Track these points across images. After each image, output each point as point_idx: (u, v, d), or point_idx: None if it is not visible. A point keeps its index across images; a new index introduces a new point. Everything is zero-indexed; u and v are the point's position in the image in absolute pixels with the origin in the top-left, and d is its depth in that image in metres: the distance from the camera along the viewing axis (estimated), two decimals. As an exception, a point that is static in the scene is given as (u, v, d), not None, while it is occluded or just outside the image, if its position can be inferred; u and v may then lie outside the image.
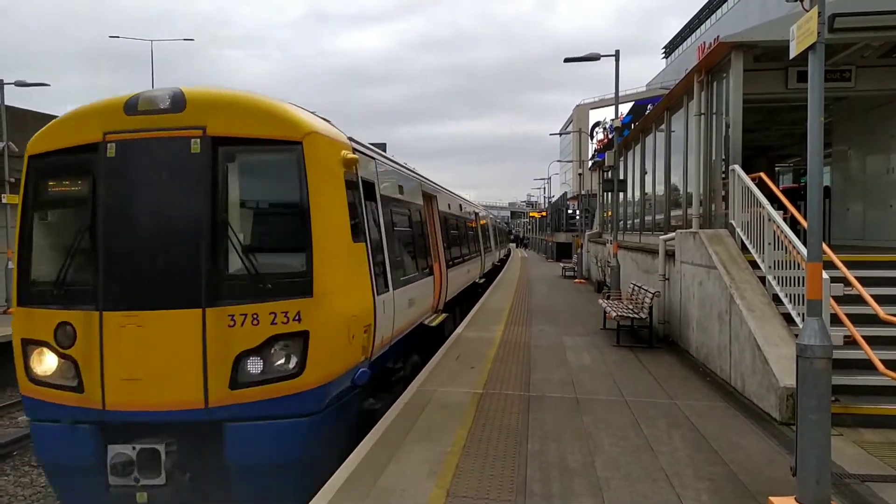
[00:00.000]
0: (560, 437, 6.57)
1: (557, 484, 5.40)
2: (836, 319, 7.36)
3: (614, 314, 12.05)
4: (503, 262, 44.02)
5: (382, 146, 12.53)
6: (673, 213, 14.91)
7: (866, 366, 7.07)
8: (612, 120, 20.32)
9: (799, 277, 8.06)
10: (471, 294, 19.54)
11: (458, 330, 13.52)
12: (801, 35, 4.88)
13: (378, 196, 8.39)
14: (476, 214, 24.13)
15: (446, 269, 13.95)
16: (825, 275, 5.43)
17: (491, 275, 28.31)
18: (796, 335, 7.16)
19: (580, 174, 52.42)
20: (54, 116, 7.12)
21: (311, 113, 6.93)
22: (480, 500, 5.09)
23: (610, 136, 27.39)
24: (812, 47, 4.81)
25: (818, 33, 4.69)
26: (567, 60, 20.04)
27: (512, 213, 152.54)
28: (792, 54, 5.09)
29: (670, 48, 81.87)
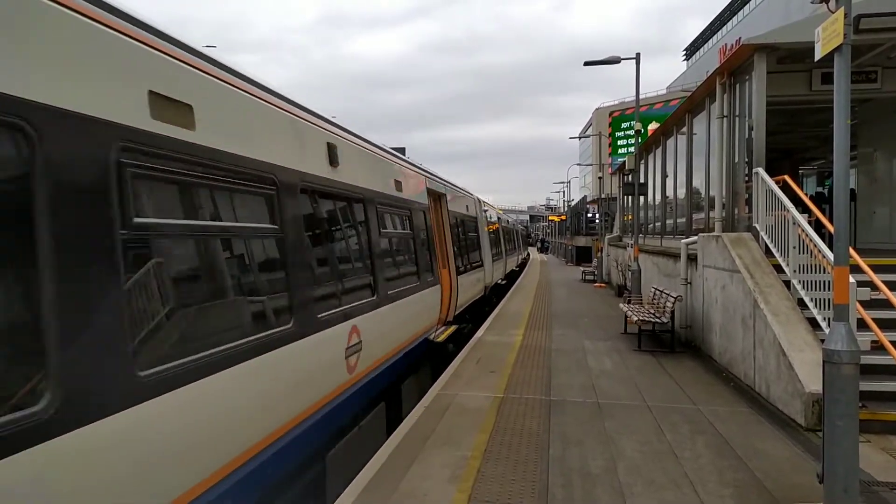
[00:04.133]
0: (582, 443, 6.53)
1: (580, 490, 5.37)
2: (862, 324, 7.26)
3: (635, 318, 11.96)
4: (521, 266, 42.74)
5: (402, 150, 12.58)
6: (695, 216, 14.78)
7: (894, 371, 6.96)
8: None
9: (824, 281, 7.96)
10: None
11: (478, 334, 13.50)
12: (827, 36, 4.82)
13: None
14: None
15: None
16: (852, 279, 5.35)
17: (508, 278, 28.04)
18: (822, 340, 7.07)
19: (600, 177, 52.16)
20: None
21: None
22: (502, 505, 5.07)
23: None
24: (838, 49, 4.75)
25: (844, 35, 4.63)
26: (587, 64, 19.97)
27: (531, 216, 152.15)
28: (817, 56, 5.03)
29: (691, 50, 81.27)
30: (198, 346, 3.81)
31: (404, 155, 11.49)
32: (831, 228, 8.41)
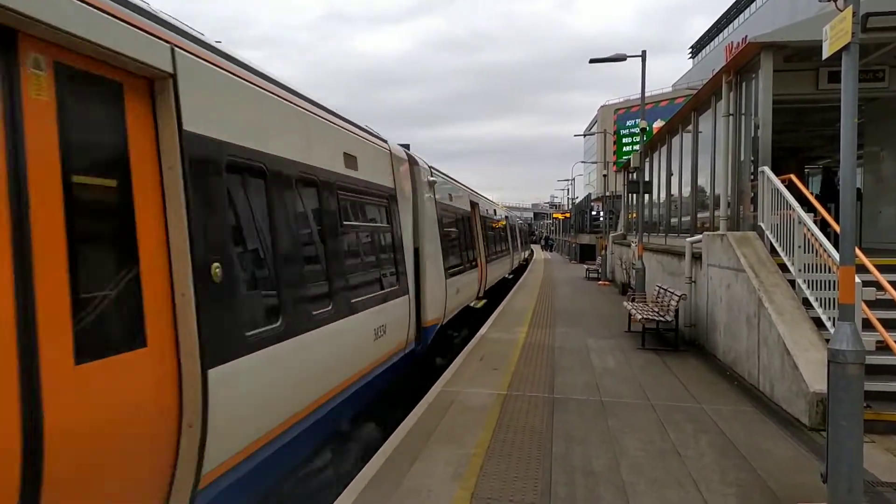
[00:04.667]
0: (585, 441, 6.53)
1: (582, 488, 5.37)
2: (867, 324, 7.23)
3: (639, 317, 11.95)
4: (525, 263, 43.07)
5: (406, 146, 12.57)
6: (700, 214, 14.75)
7: (899, 372, 6.93)
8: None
9: (830, 281, 7.94)
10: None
11: (482, 331, 13.50)
12: (835, 35, 4.80)
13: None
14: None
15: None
16: (857, 278, 5.33)
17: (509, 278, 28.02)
18: (827, 340, 7.06)
19: (605, 175, 52.07)
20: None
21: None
22: (505, 503, 5.08)
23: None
24: (846, 47, 4.72)
25: (852, 33, 4.61)
26: (593, 61, 19.93)
27: (535, 214, 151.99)
28: (825, 55, 5.01)
29: (697, 48, 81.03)
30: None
31: (409, 150, 11.46)
32: (837, 228, 8.40)
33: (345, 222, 6.88)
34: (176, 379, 3.75)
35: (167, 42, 3.83)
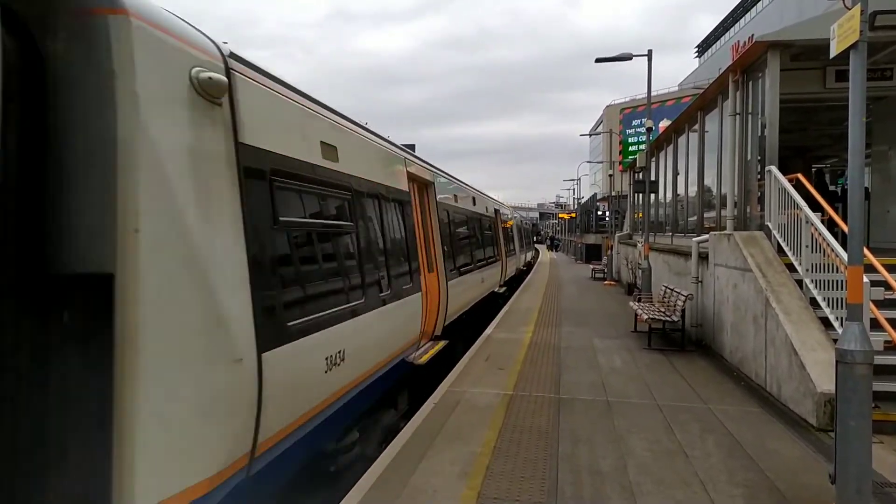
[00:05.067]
0: (591, 440, 6.52)
1: (589, 488, 5.36)
2: (875, 324, 7.21)
3: (645, 317, 11.92)
4: (529, 265, 39.80)
5: (412, 146, 12.57)
6: (706, 214, 14.70)
7: (908, 372, 6.90)
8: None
9: (837, 281, 7.91)
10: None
11: (487, 331, 13.49)
12: (843, 33, 4.78)
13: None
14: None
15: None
16: (865, 278, 5.31)
17: (513, 281, 27.10)
18: (834, 340, 7.03)
19: (610, 175, 51.99)
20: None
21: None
22: (511, 502, 5.08)
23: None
24: (854, 46, 4.71)
25: (860, 31, 4.59)
26: (598, 60, 19.88)
27: (541, 214, 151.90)
28: (832, 53, 4.99)
29: (703, 47, 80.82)
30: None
31: (414, 151, 11.46)
32: (845, 227, 8.37)
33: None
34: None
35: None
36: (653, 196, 21.03)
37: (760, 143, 10.88)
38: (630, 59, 19.31)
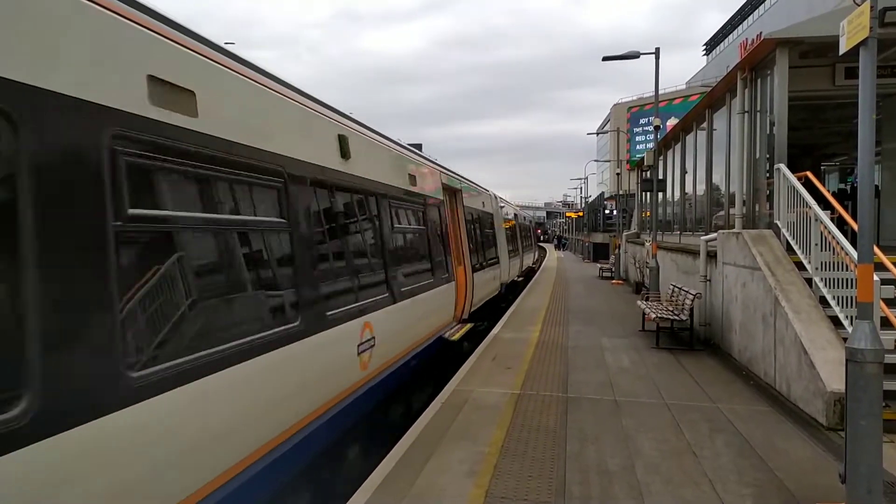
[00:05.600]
0: (599, 440, 6.50)
1: (597, 487, 5.35)
2: (886, 322, 7.16)
3: (653, 316, 11.88)
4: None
5: (418, 146, 12.57)
6: (714, 212, 14.65)
7: (919, 371, 6.84)
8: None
9: (847, 279, 7.86)
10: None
11: (494, 331, 13.48)
12: (852, 30, 4.74)
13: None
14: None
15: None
16: (876, 276, 5.27)
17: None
18: (844, 339, 6.98)
19: (618, 174, 51.85)
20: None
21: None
22: (519, 502, 5.07)
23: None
24: (864, 42, 4.67)
25: (870, 28, 4.56)
26: (606, 59, 19.84)
27: (548, 212, 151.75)
28: (842, 50, 4.95)
29: (711, 45, 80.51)
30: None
31: (421, 150, 11.51)
32: (854, 225, 8.31)
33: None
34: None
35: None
36: (660, 195, 20.96)
37: (769, 141, 10.83)
38: (637, 57, 19.26)
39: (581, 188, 77.77)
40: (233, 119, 4.41)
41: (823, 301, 8.23)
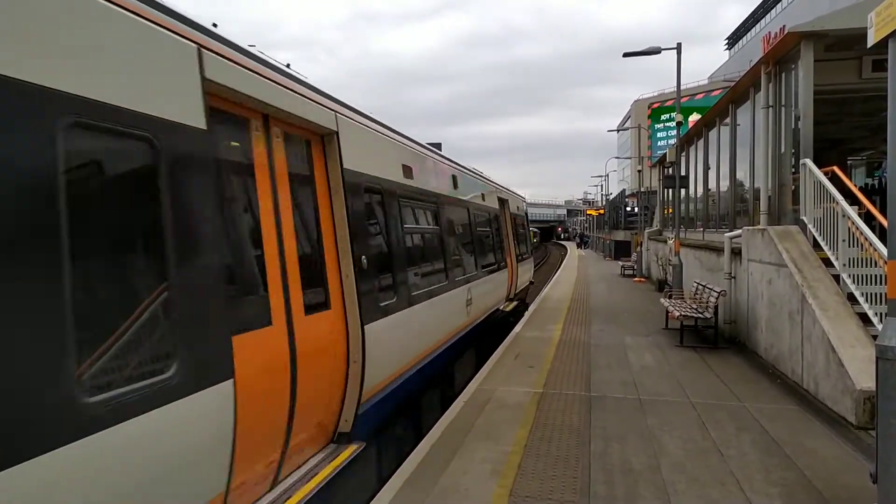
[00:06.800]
0: (623, 439, 6.46)
1: (622, 486, 5.31)
2: (917, 320, 7.01)
3: (677, 314, 11.76)
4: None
5: (437, 145, 12.58)
6: (738, 209, 14.47)
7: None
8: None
9: (876, 276, 7.73)
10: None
11: (516, 329, 13.45)
12: (881, 21, 4.65)
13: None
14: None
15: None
16: (907, 273, 5.16)
17: None
18: (874, 336, 6.87)
19: (639, 170, 51.45)
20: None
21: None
22: (544, 501, 5.05)
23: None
24: (893, 34, 4.57)
25: (899, 19, 4.46)
26: (626, 55, 19.69)
27: (568, 210, 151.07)
28: (870, 42, 4.86)
29: (733, 39, 79.53)
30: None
31: (440, 150, 11.52)
32: (883, 221, 8.17)
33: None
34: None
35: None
36: (683, 191, 20.77)
37: (794, 136, 10.69)
38: (659, 52, 19.09)
39: (602, 185, 77.33)
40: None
41: (851, 298, 8.10)
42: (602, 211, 71.08)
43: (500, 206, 15.30)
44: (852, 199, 8.88)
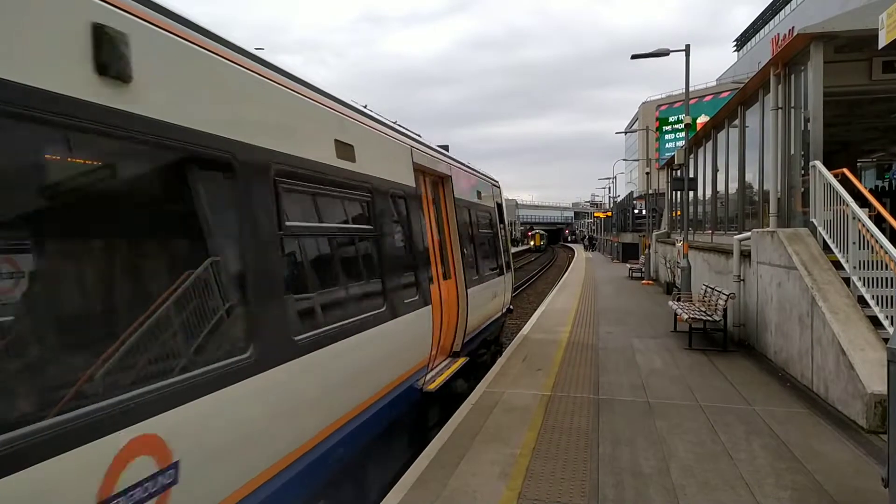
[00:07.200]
0: (632, 442, 6.44)
1: (631, 489, 5.29)
2: (929, 323, 6.97)
3: (686, 316, 11.72)
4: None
5: (446, 147, 12.58)
6: (747, 211, 14.42)
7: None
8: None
9: (887, 278, 7.68)
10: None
11: (524, 331, 13.43)
12: (892, 23, 4.64)
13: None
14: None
15: None
16: (918, 276, 5.14)
17: None
18: (885, 339, 6.83)
19: (647, 173, 51.30)
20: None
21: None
22: (552, 504, 5.04)
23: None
24: (904, 36, 4.56)
25: (911, 21, 4.45)
26: (634, 57, 19.64)
27: (576, 213, 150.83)
28: (881, 43, 4.85)
29: (742, 41, 79.24)
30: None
31: (448, 151, 11.51)
32: (894, 223, 8.13)
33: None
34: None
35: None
36: (692, 193, 20.71)
37: (804, 138, 10.64)
38: (667, 54, 19.03)
39: (609, 188, 77.13)
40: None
41: (862, 301, 8.05)
42: (610, 213, 70.89)
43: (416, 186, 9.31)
44: (862, 202, 8.83)
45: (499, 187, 13.94)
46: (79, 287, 2.83)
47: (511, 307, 14.01)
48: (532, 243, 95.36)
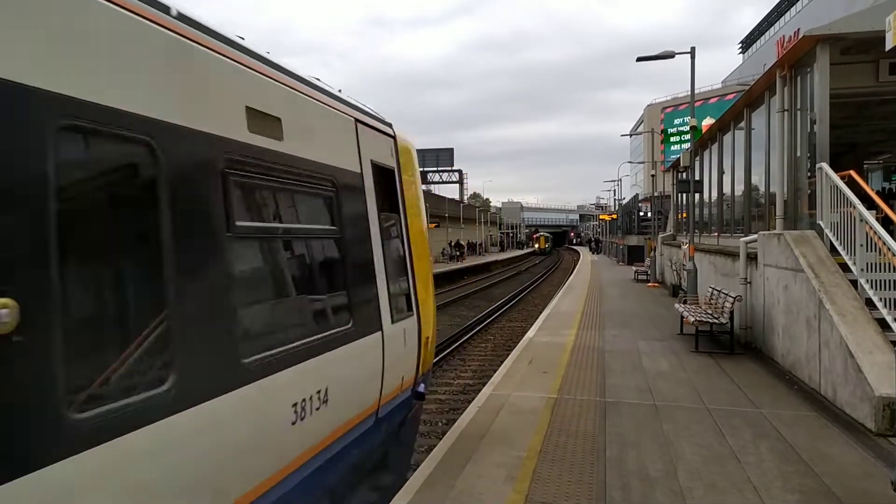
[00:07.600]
0: (639, 445, 6.42)
1: (638, 492, 5.28)
2: (937, 325, 6.94)
3: (692, 319, 11.70)
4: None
5: (450, 151, 12.56)
6: (754, 213, 14.38)
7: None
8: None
9: (894, 280, 7.65)
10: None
11: (529, 334, 13.42)
12: (899, 25, 4.63)
13: None
14: None
15: None
16: (927, 278, 5.12)
17: None
18: (893, 342, 6.80)
19: (653, 175, 51.23)
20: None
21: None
22: (559, 507, 5.03)
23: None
24: (911, 37, 4.56)
25: (918, 22, 4.44)
26: (640, 59, 19.60)
27: (581, 215, 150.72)
28: (888, 45, 4.84)
29: (747, 43, 79.10)
30: None
31: (451, 156, 11.51)
32: (902, 225, 8.09)
33: None
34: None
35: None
36: (697, 196, 20.67)
37: (810, 140, 10.62)
38: (672, 56, 18.97)
39: (614, 190, 77.04)
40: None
41: (870, 303, 8.02)
42: (615, 216, 70.80)
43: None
44: (869, 204, 8.80)
45: (393, 136, 6.26)
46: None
47: (423, 388, 6.43)
48: (537, 246, 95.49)
